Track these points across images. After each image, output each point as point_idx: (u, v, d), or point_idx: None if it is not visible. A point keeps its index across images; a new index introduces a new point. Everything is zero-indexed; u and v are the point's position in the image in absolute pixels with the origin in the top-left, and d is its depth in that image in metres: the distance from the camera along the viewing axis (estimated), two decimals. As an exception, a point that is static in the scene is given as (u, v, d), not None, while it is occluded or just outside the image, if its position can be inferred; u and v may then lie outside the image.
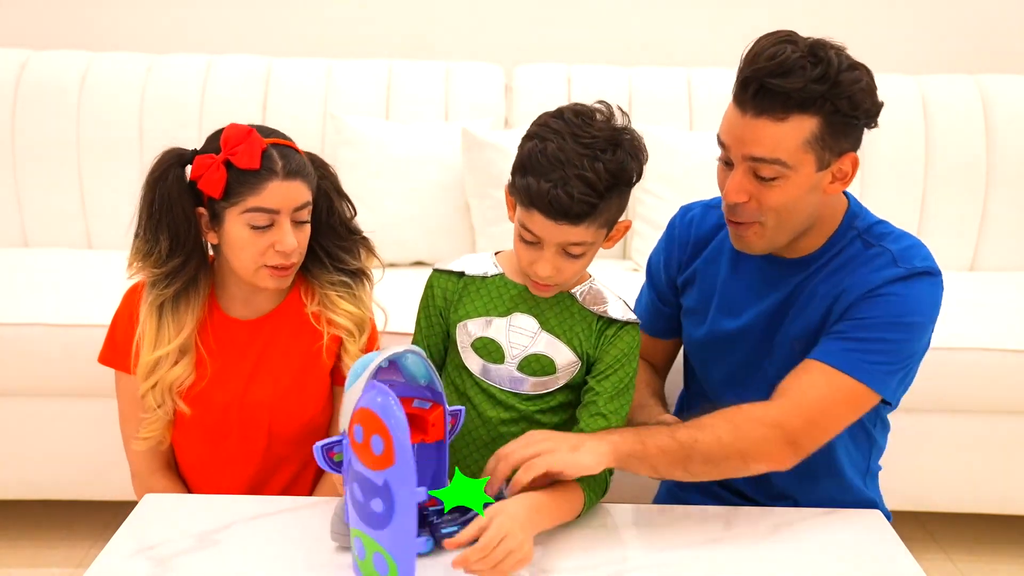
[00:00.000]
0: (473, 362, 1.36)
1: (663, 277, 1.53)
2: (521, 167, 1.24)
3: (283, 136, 1.39)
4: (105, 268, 2.33)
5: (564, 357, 1.34)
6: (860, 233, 1.36)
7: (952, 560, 2.15)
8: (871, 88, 1.25)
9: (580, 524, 1.27)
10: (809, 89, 1.20)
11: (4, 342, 1.96)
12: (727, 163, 1.31)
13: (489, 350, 1.35)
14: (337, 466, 1.11)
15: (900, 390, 1.33)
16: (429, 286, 1.42)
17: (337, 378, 1.48)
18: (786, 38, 1.24)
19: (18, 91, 2.51)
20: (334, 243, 1.45)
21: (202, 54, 2.63)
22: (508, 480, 1.19)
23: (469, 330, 1.36)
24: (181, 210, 1.33)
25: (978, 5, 2.86)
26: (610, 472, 1.34)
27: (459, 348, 1.38)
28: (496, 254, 1.40)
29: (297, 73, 2.58)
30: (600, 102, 1.26)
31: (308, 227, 1.38)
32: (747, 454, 1.24)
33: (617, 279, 1.69)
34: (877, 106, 1.27)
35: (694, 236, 1.49)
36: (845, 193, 1.39)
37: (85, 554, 2.06)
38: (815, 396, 1.26)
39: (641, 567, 1.16)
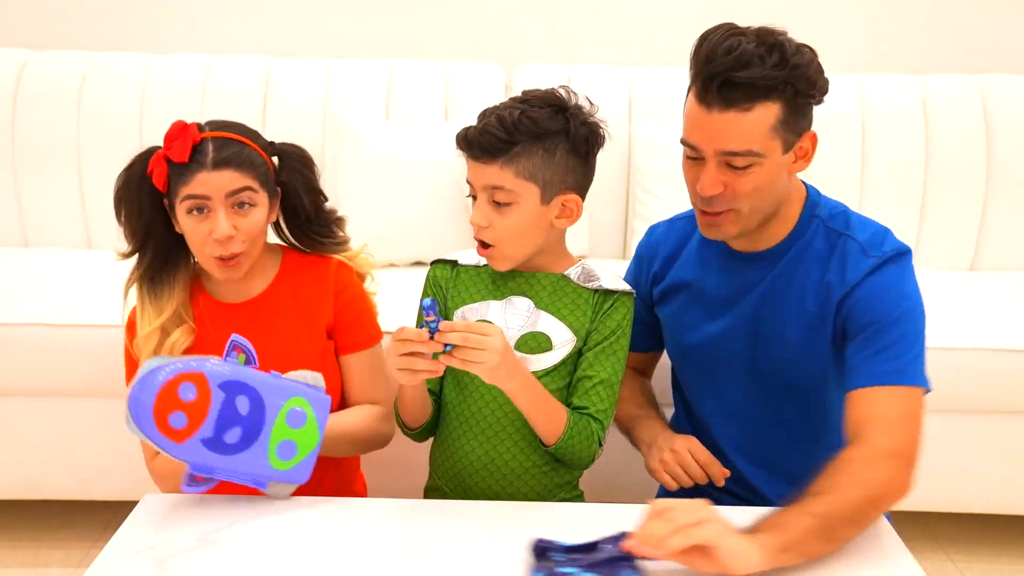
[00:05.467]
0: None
1: (638, 293, 1.55)
2: None
3: (234, 128, 1.42)
4: (105, 268, 2.33)
5: (560, 334, 1.38)
6: (824, 222, 1.38)
7: (952, 560, 2.15)
8: (818, 65, 1.29)
9: (581, 524, 1.27)
10: (770, 76, 1.24)
11: (4, 342, 1.96)
12: (694, 159, 1.33)
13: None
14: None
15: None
16: (429, 276, 1.49)
17: (340, 344, 1.52)
18: (733, 31, 1.27)
19: (18, 91, 2.51)
20: (308, 234, 1.52)
21: (202, 54, 2.63)
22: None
23: (467, 316, 1.41)
24: (136, 201, 1.41)
25: (978, 5, 2.85)
26: (599, 444, 1.39)
27: None
28: None
29: (297, 73, 2.58)
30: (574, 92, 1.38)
31: (256, 212, 1.40)
32: (879, 498, 1.21)
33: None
34: (826, 80, 1.31)
35: (663, 251, 1.54)
36: (806, 186, 1.42)
37: (85, 554, 2.06)
38: (898, 415, 1.26)
39: (641, 567, 1.16)
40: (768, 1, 2.64)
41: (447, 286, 1.46)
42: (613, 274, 1.44)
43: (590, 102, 1.38)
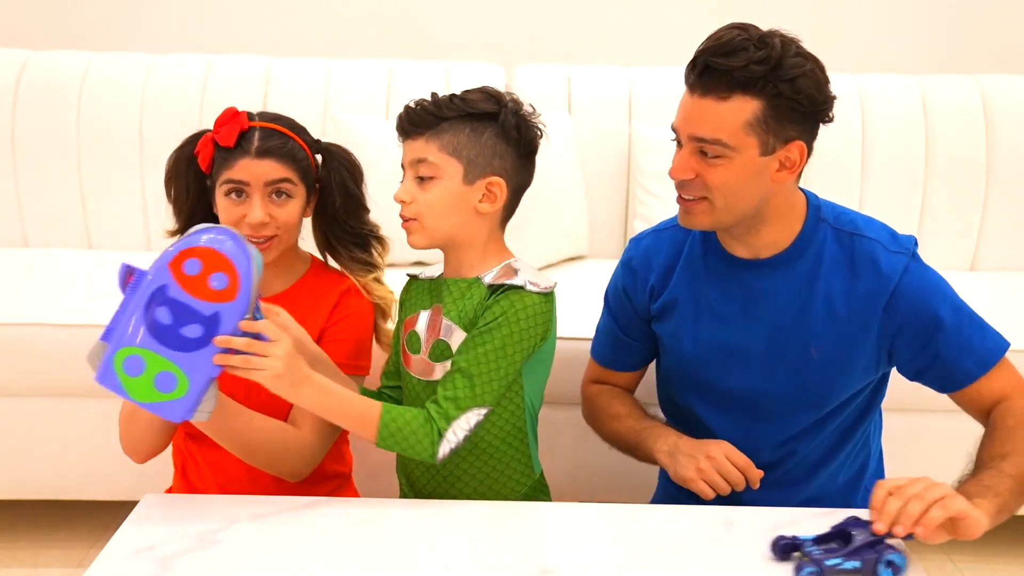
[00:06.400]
0: (405, 357, 1.41)
1: (628, 310, 1.53)
2: None
3: (282, 122, 1.47)
4: (105, 268, 2.33)
5: (458, 341, 1.35)
6: (832, 224, 1.38)
7: (952, 560, 2.15)
8: (817, 77, 1.28)
9: (580, 523, 1.28)
10: (750, 69, 1.24)
11: (4, 342, 1.96)
12: (677, 143, 1.34)
13: (412, 342, 1.40)
14: (122, 288, 1.20)
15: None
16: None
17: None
18: (739, 26, 1.28)
19: (18, 91, 2.51)
20: (333, 237, 1.54)
21: (202, 54, 2.62)
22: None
23: (406, 328, 1.43)
24: (184, 180, 1.48)
25: (978, 5, 2.85)
26: (440, 435, 1.29)
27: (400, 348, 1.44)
28: None
29: (297, 73, 2.58)
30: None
31: (292, 203, 1.44)
32: None
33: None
34: (825, 95, 1.30)
35: (658, 263, 1.49)
36: (805, 192, 1.41)
37: (85, 554, 2.06)
38: (1020, 380, 1.35)
39: (641, 567, 1.16)
40: (769, 2, 2.64)
41: (404, 299, 1.47)
42: (532, 272, 1.36)
43: (533, 108, 1.37)
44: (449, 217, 1.33)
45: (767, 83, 1.25)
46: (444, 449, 1.30)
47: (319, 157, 1.52)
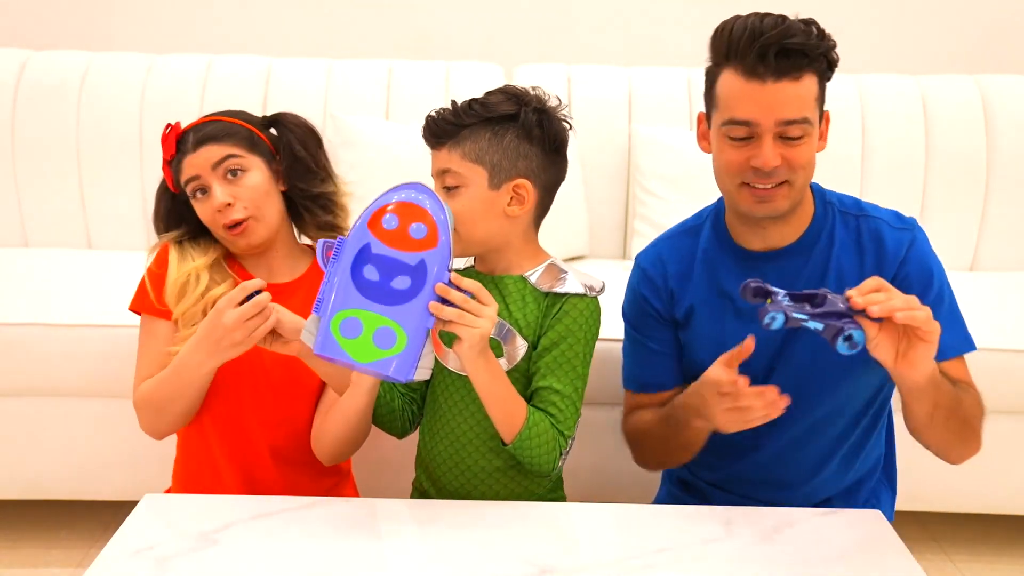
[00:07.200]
0: (436, 347, 1.38)
1: (651, 317, 1.48)
2: None
3: (220, 113, 1.54)
4: (105, 268, 2.34)
5: (520, 347, 1.35)
6: (837, 207, 1.41)
7: (952, 560, 2.15)
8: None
9: (580, 523, 1.28)
10: (815, 45, 1.29)
11: (4, 342, 1.96)
12: (742, 139, 1.31)
13: (452, 337, 1.37)
14: (323, 264, 1.22)
15: None
16: None
17: None
18: (763, 13, 1.31)
19: (18, 91, 2.51)
20: (295, 204, 1.56)
21: (202, 54, 2.62)
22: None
23: None
24: (170, 202, 1.55)
25: (978, 5, 2.86)
26: (560, 454, 1.33)
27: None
28: None
29: (297, 73, 2.58)
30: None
31: (249, 175, 1.48)
32: (977, 434, 1.35)
33: (617, 279, 1.69)
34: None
35: (671, 268, 1.46)
36: None
37: (85, 554, 2.06)
38: (969, 376, 1.38)
39: (641, 567, 1.16)
40: (769, 2, 2.64)
41: None
42: (579, 273, 1.37)
43: (560, 100, 1.37)
44: (480, 224, 1.33)
45: (823, 59, 1.31)
46: (560, 463, 1.34)
47: (274, 132, 1.56)
